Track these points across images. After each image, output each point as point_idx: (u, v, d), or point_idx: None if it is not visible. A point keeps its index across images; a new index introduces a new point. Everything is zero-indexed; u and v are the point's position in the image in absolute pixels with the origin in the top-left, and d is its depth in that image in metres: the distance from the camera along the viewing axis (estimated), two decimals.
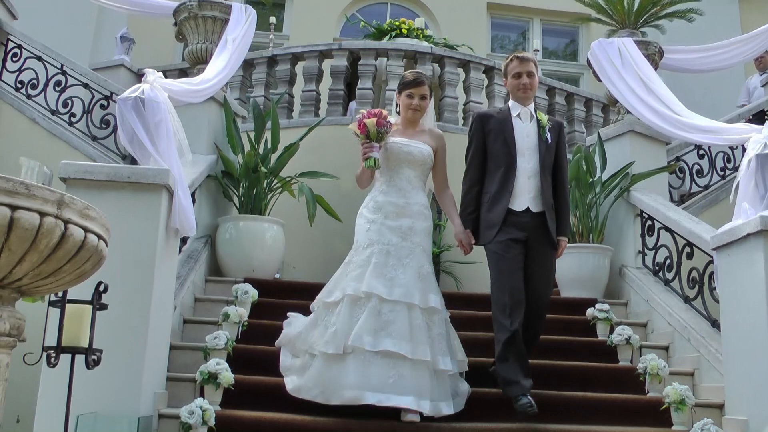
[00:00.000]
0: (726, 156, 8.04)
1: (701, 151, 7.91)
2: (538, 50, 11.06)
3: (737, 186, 4.89)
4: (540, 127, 4.82)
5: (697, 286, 5.55)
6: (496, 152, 4.75)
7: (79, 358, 3.29)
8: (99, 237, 2.46)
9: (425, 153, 4.76)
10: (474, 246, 4.85)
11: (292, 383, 4.51)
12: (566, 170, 5.01)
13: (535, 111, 4.90)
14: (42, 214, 2.23)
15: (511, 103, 4.92)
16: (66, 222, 2.30)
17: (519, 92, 4.84)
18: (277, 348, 5.08)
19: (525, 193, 4.69)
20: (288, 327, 4.92)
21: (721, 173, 8.00)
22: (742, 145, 6.09)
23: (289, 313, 5.06)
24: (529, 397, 4.39)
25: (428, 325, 4.44)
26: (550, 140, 4.81)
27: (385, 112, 4.65)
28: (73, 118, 7.78)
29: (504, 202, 4.66)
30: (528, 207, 4.69)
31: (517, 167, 4.70)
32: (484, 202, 4.76)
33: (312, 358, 4.47)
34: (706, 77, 9.95)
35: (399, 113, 4.89)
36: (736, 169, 7.89)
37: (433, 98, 4.99)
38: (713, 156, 7.96)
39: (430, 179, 4.98)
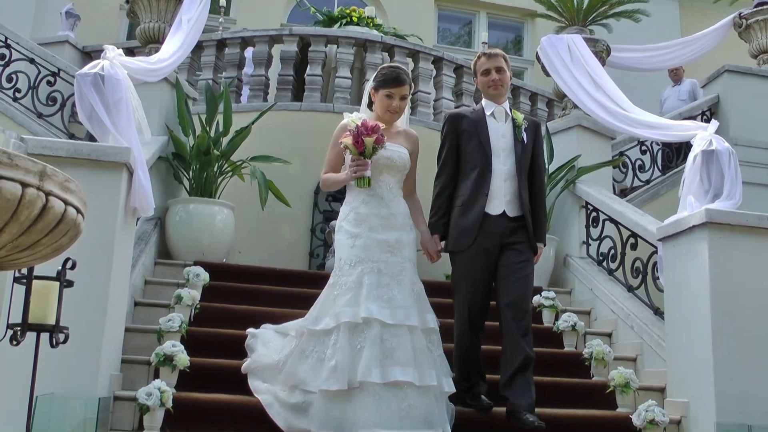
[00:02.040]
0: (667, 152, 8.31)
1: (644, 147, 8.17)
2: (485, 43, 11.20)
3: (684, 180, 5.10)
4: (516, 126, 4.55)
5: (640, 276, 5.77)
6: (470, 153, 4.49)
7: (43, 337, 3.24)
8: (78, 210, 2.45)
9: (405, 158, 4.39)
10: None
11: (286, 423, 4.07)
12: (543, 172, 4.74)
13: (511, 110, 4.65)
14: (24, 185, 2.19)
15: (484, 102, 4.65)
16: (47, 194, 2.27)
17: (489, 89, 4.57)
18: (231, 333, 5.08)
19: (501, 196, 4.43)
20: (254, 350, 4.49)
21: (662, 169, 8.27)
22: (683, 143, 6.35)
23: (249, 330, 4.66)
24: (485, 397, 4.47)
25: (429, 347, 4.11)
26: (526, 140, 4.54)
27: (380, 125, 4.17)
28: (17, 94, 7.56)
29: (479, 206, 4.39)
30: (504, 211, 4.43)
31: (492, 169, 4.44)
32: (456, 205, 4.49)
33: (305, 395, 4.05)
34: (649, 76, 10.27)
35: (371, 109, 4.46)
36: (676, 165, 8.18)
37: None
38: (655, 152, 8.22)
39: None
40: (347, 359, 3.89)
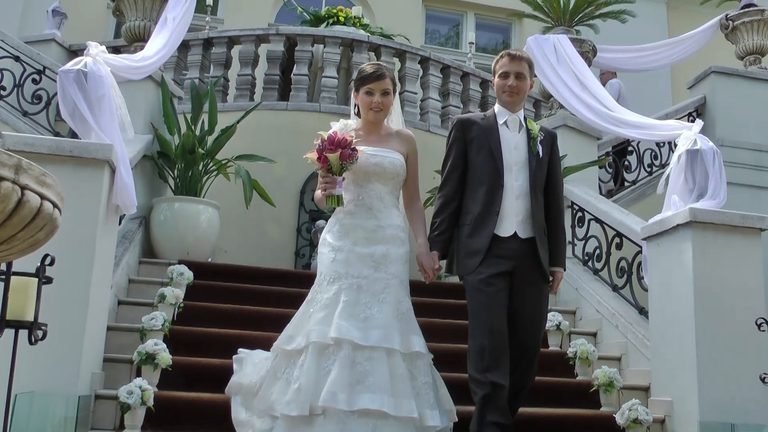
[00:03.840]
0: (653, 153, 8.34)
1: (630, 148, 8.17)
2: (472, 43, 11.22)
3: (667, 179, 5.10)
4: (531, 138, 4.08)
5: (625, 276, 5.78)
6: (480, 165, 4.02)
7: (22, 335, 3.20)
8: (54, 205, 2.42)
9: (397, 164, 3.94)
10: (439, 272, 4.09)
11: None
12: (560, 189, 4.27)
13: (525, 119, 4.16)
14: None
15: (497, 108, 4.16)
16: (23, 188, 2.24)
17: (504, 95, 4.09)
18: (214, 331, 5.06)
19: (512, 215, 3.95)
20: (238, 370, 4.12)
21: (648, 169, 8.29)
22: (669, 143, 6.36)
23: (240, 350, 4.25)
24: None
25: (412, 373, 3.67)
26: (541, 154, 4.08)
27: (349, 138, 3.74)
28: (3, 92, 7.51)
29: (490, 227, 3.92)
30: (515, 232, 3.94)
31: (504, 184, 3.97)
32: (464, 224, 4.03)
33: (273, 421, 3.70)
34: (635, 77, 10.30)
35: (358, 115, 4.07)
36: (662, 165, 8.20)
37: (397, 94, 4.17)
38: (641, 152, 8.24)
39: None
40: (311, 382, 3.53)
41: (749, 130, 8.54)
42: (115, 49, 8.37)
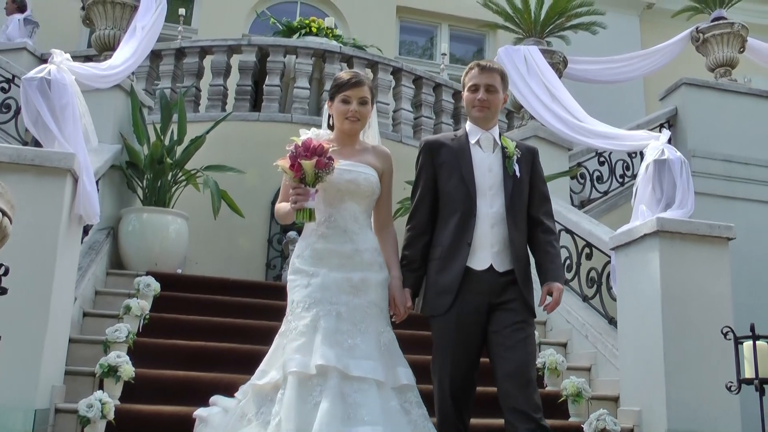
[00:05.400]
0: (625, 163, 8.37)
1: (601, 158, 8.20)
2: (446, 54, 11.25)
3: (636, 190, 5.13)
4: (506, 157, 3.63)
5: (595, 286, 5.78)
6: (451, 192, 3.60)
7: None
8: (4, 213, 2.37)
9: (372, 181, 3.55)
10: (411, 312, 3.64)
11: None
12: (548, 203, 3.76)
13: (500, 137, 3.70)
14: None
15: (468, 126, 3.71)
16: None
17: (474, 110, 3.64)
18: (179, 343, 5.00)
19: (487, 246, 3.52)
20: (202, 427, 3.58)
21: (620, 180, 8.32)
22: (641, 153, 6.39)
23: (195, 415, 3.65)
24: None
25: (404, 408, 3.31)
26: (519, 174, 3.62)
27: (327, 146, 3.33)
28: None
29: (461, 260, 3.50)
30: (491, 265, 3.51)
31: (477, 213, 3.55)
32: (433, 258, 3.61)
33: None
34: (608, 89, 10.35)
35: (331, 128, 3.69)
36: (634, 176, 8.23)
37: (375, 106, 3.82)
38: (613, 163, 8.27)
39: None
40: (294, 413, 3.09)
41: (720, 141, 8.60)
42: (87, 58, 8.29)
